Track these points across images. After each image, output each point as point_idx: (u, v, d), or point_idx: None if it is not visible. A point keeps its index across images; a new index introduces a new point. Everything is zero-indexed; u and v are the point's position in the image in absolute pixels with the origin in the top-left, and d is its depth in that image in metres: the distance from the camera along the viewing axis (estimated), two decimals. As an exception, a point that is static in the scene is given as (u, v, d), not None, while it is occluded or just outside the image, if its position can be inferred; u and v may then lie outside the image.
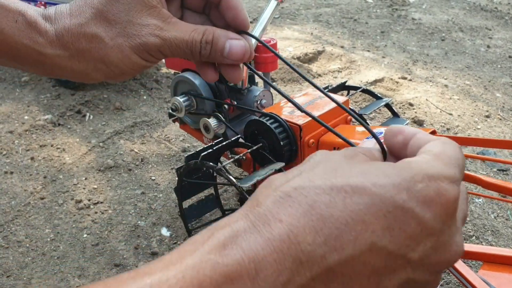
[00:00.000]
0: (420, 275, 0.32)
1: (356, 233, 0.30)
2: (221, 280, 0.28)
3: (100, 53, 0.50)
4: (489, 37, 2.03)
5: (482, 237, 0.89)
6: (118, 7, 0.50)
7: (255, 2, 2.54)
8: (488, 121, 1.33)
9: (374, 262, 0.30)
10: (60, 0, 1.61)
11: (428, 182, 0.32)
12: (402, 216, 0.31)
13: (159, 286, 0.27)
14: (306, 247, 0.29)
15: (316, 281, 0.29)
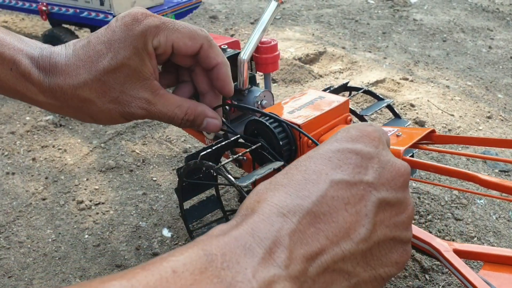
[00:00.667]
0: (387, 194, 0.38)
1: (315, 180, 0.36)
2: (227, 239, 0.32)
3: (90, 112, 0.55)
4: (491, 38, 2.03)
5: (484, 238, 0.89)
6: (115, 79, 0.53)
7: (257, 3, 2.54)
8: (490, 122, 1.33)
9: (341, 193, 0.36)
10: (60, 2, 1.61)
11: (348, 129, 0.41)
12: (342, 155, 0.38)
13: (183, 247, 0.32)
14: (282, 203, 0.35)
15: (303, 224, 0.34)
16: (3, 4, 1.82)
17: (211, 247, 0.31)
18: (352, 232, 0.35)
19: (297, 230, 0.34)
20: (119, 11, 1.52)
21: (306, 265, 0.33)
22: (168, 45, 0.55)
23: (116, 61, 0.52)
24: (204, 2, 2.49)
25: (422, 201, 0.98)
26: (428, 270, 0.81)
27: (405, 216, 0.39)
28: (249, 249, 0.32)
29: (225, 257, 0.31)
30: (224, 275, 0.30)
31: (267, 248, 0.32)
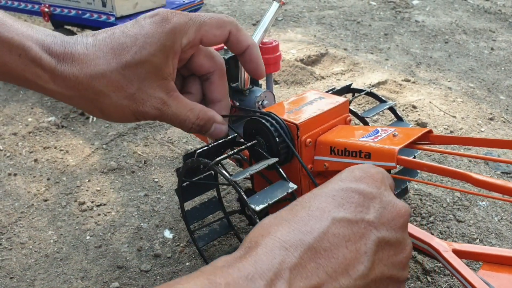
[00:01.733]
0: (387, 233, 0.39)
1: (318, 217, 0.38)
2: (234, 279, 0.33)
3: (102, 106, 0.53)
4: (493, 39, 2.03)
5: (486, 240, 0.89)
6: (136, 74, 0.52)
7: (258, 5, 2.54)
8: (492, 124, 1.33)
9: (342, 231, 0.37)
10: (62, 3, 1.62)
11: (352, 170, 0.43)
12: (345, 194, 0.40)
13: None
14: (285, 238, 0.36)
15: (304, 259, 0.35)
16: (5, 6, 1.83)
17: (215, 277, 0.33)
18: (351, 268, 0.36)
19: (297, 264, 0.35)
20: (121, 13, 1.52)
21: None
22: (196, 41, 0.54)
23: (140, 56, 0.51)
24: (206, 4, 2.49)
25: (424, 203, 0.98)
26: (430, 272, 0.81)
27: (403, 256, 0.40)
28: (252, 280, 0.33)
29: (228, 286, 0.32)
30: None
31: (269, 279, 0.33)
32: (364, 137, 0.64)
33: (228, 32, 0.56)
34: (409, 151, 0.78)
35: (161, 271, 0.85)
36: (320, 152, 0.68)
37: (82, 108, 0.56)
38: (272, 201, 0.62)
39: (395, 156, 0.58)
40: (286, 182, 0.65)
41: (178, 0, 1.74)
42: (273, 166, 0.65)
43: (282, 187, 0.64)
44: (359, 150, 0.62)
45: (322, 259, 0.36)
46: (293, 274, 0.34)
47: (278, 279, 0.33)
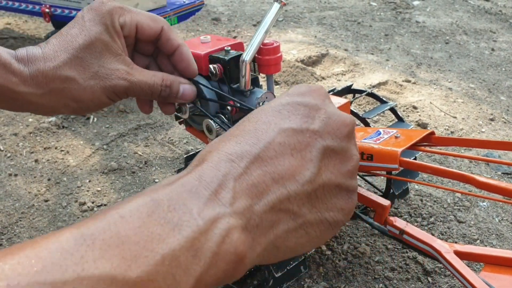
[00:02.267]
0: (331, 142, 0.40)
1: (265, 129, 0.39)
2: (174, 186, 0.34)
3: (73, 92, 0.58)
4: (494, 40, 2.03)
5: (487, 241, 0.89)
6: (92, 53, 0.57)
7: (259, 5, 2.54)
8: (493, 124, 1.33)
9: (288, 140, 0.38)
10: (63, 4, 1.62)
11: (299, 86, 0.44)
12: (291, 107, 0.41)
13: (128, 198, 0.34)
14: (231, 151, 0.37)
15: (251, 168, 0.36)
16: (6, 7, 1.83)
17: (158, 194, 0.33)
18: (297, 174, 0.37)
19: (243, 173, 0.36)
20: (122, 13, 1.52)
21: (252, 203, 0.35)
22: (133, 24, 0.60)
23: (89, 37, 0.57)
24: (206, 4, 2.49)
25: (424, 204, 0.98)
26: (431, 273, 0.81)
27: (350, 165, 0.42)
28: (195, 192, 0.34)
29: (171, 201, 0.33)
30: (171, 216, 0.32)
31: (213, 190, 0.34)
32: (366, 139, 0.64)
33: (161, 27, 0.61)
34: (410, 152, 0.78)
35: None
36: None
37: (53, 107, 0.59)
38: None
39: (397, 158, 0.58)
40: None
41: (178, 1, 1.74)
42: None
43: None
44: (361, 152, 0.62)
45: (268, 167, 0.37)
46: (239, 182, 0.35)
47: (222, 189, 0.34)
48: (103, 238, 0.29)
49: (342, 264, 0.83)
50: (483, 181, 0.51)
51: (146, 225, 0.31)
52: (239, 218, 0.34)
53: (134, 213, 0.31)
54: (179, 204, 0.33)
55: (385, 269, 0.82)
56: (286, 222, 0.37)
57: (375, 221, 0.67)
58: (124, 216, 0.31)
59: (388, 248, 0.86)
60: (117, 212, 0.31)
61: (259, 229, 0.36)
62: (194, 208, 0.33)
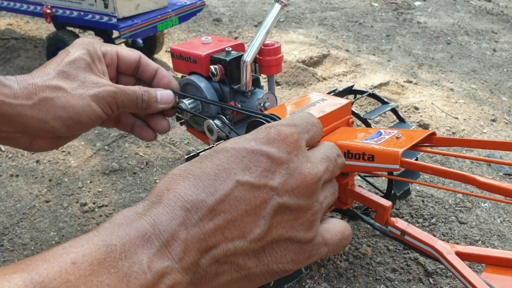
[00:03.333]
0: (288, 199, 0.40)
1: (223, 178, 0.39)
2: (127, 229, 0.35)
3: (63, 100, 0.60)
4: (495, 40, 2.03)
5: (488, 242, 0.89)
6: (76, 68, 0.62)
7: (260, 6, 2.54)
8: (494, 125, 1.33)
9: (244, 195, 0.38)
10: (65, 5, 1.62)
11: (269, 129, 0.43)
12: (254, 157, 0.40)
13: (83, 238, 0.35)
14: (188, 198, 0.37)
15: (204, 221, 0.37)
16: (7, 7, 1.83)
17: (111, 238, 0.34)
18: (247, 232, 0.38)
19: (196, 225, 0.36)
20: (123, 14, 1.53)
21: (200, 257, 0.36)
22: (113, 52, 0.66)
23: (73, 56, 0.63)
24: (208, 5, 2.49)
25: (426, 204, 0.98)
26: (432, 274, 0.81)
27: (304, 219, 0.41)
28: (148, 240, 0.35)
29: (124, 247, 0.33)
30: (121, 265, 0.32)
31: (164, 241, 0.35)
32: (367, 139, 0.64)
33: (139, 55, 0.69)
34: (411, 153, 0.78)
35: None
36: (322, 153, 0.67)
37: (43, 119, 0.60)
38: None
39: (399, 159, 0.58)
40: None
41: (180, 2, 1.74)
42: None
43: None
44: (362, 153, 0.62)
45: (221, 221, 0.37)
46: (190, 235, 0.36)
47: (174, 240, 0.35)
48: (52, 287, 0.30)
49: (343, 265, 0.83)
50: (484, 181, 0.51)
51: (96, 273, 0.31)
52: (186, 273, 0.35)
53: (86, 259, 0.32)
54: (130, 252, 0.33)
55: (386, 270, 0.82)
56: (230, 273, 0.38)
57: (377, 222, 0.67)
58: (76, 262, 0.31)
59: (390, 249, 0.86)
60: (70, 258, 0.32)
61: (203, 281, 0.37)
62: (144, 258, 0.34)
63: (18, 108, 0.58)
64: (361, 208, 0.92)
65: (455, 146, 0.63)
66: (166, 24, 1.66)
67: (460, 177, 0.54)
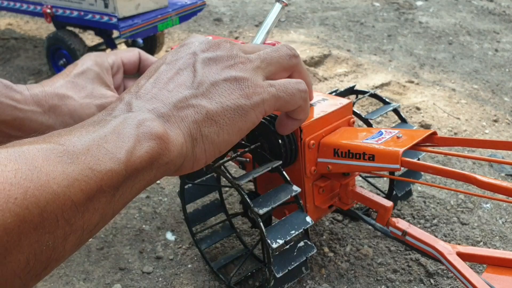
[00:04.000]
0: (208, 54, 0.50)
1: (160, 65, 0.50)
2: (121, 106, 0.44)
3: (70, 108, 0.63)
4: (497, 40, 2.02)
5: (490, 243, 0.88)
6: (84, 79, 0.65)
7: (261, 6, 2.54)
8: (496, 126, 1.32)
9: (173, 66, 0.49)
10: (65, 4, 1.61)
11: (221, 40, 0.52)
12: (177, 51, 0.51)
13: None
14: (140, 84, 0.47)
15: (148, 88, 0.46)
16: (7, 7, 1.83)
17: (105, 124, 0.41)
18: (188, 82, 0.47)
19: (143, 91, 0.46)
20: (123, 14, 1.52)
21: (157, 106, 0.44)
22: (119, 61, 0.70)
23: (83, 67, 0.66)
24: (208, 5, 2.49)
25: (427, 205, 0.97)
26: (433, 275, 0.80)
27: (229, 63, 0.49)
28: (129, 103, 0.44)
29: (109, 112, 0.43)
30: (104, 115, 0.42)
31: (129, 101, 0.44)
32: (368, 139, 0.63)
33: (138, 52, 0.72)
34: (413, 153, 0.78)
35: (163, 273, 0.85)
36: (323, 154, 0.67)
37: (52, 126, 0.63)
38: (276, 204, 0.61)
39: (399, 158, 0.58)
40: (289, 185, 0.65)
41: (180, 1, 1.74)
42: (276, 169, 0.65)
43: (285, 190, 0.64)
44: (363, 152, 0.61)
45: (161, 84, 0.47)
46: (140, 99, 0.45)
47: (136, 99, 0.44)
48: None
49: (345, 265, 0.82)
50: (485, 181, 0.50)
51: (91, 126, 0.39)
52: (150, 113, 0.43)
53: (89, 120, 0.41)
54: (109, 109, 0.44)
55: (387, 271, 0.81)
56: (193, 114, 0.45)
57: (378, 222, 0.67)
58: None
59: (391, 249, 0.86)
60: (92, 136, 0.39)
61: (171, 122, 0.43)
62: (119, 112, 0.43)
63: (29, 113, 0.61)
64: (362, 208, 0.92)
65: (456, 146, 0.63)
66: (167, 24, 1.66)
67: (461, 177, 0.54)
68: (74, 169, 0.34)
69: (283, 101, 0.50)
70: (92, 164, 0.36)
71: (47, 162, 0.33)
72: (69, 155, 0.35)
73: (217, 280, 0.82)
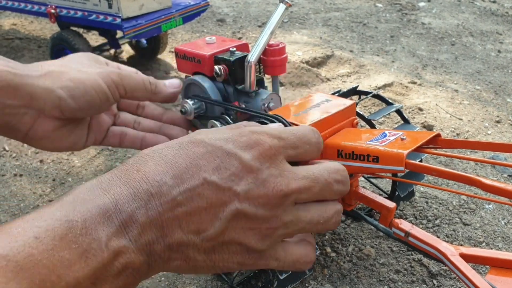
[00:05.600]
0: (248, 207, 0.40)
1: (193, 172, 0.39)
2: (89, 205, 0.36)
3: (70, 74, 0.61)
4: (500, 41, 2.02)
5: (493, 244, 0.88)
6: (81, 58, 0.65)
7: (264, 7, 2.54)
8: (499, 127, 1.32)
9: (207, 194, 0.39)
10: (69, 5, 1.62)
11: (251, 135, 0.42)
12: (228, 159, 0.40)
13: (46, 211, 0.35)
14: (155, 183, 0.38)
15: (164, 208, 0.37)
16: (12, 7, 1.84)
17: (74, 213, 0.35)
18: (202, 229, 0.39)
19: (156, 211, 0.37)
20: (127, 14, 1.53)
21: (155, 241, 0.37)
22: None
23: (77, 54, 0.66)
24: (211, 6, 2.50)
25: (430, 206, 0.97)
26: (436, 275, 0.81)
27: (258, 230, 0.41)
28: (109, 218, 0.36)
29: (85, 223, 0.35)
30: (82, 241, 0.34)
31: (123, 221, 0.36)
32: (371, 141, 0.64)
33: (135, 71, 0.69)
34: (415, 154, 0.78)
35: (165, 273, 0.85)
36: (327, 155, 0.67)
37: (50, 87, 0.60)
38: None
39: (403, 160, 0.58)
40: None
41: (183, 2, 1.74)
42: None
43: None
44: (367, 154, 0.61)
45: (180, 213, 0.38)
46: (149, 219, 0.37)
47: (133, 222, 0.36)
48: (16, 260, 0.31)
49: (347, 266, 0.82)
50: (488, 183, 0.51)
51: (57, 248, 0.33)
52: (140, 254, 0.37)
53: (48, 234, 0.33)
54: (91, 229, 0.35)
55: (390, 271, 0.81)
56: (179, 261, 0.39)
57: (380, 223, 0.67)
58: (39, 237, 0.33)
59: (393, 250, 0.86)
60: (33, 232, 0.33)
61: (156, 263, 0.38)
62: (103, 236, 0.35)
63: (25, 78, 0.58)
64: (365, 209, 0.92)
65: (459, 147, 0.63)
66: (170, 25, 1.66)
67: (464, 179, 0.54)
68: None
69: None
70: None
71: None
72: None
73: (219, 280, 0.82)
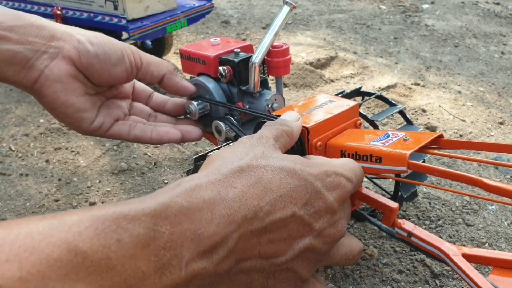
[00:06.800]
0: (318, 243, 0.43)
1: (285, 203, 0.41)
2: (182, 218, 0.35)
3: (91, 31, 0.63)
4: (503, 43, 2.02)
5: (495, 244, 0.89)
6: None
7: (268, 8, 2.55)
8: (502, 128, 1.32)
9: (291, 225, 0.41)
10: (75, 6, 1.63)
11: (335, 177, 0.46)
12: (315, 197, 0.43)
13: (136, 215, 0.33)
14: (252, 208, 0.39)
15: (253, 233, 0.39)
16: (18, 9, 1.85)
17: (163, 223, 0.34)
18: (275, 255, 0.41)
19: (246, 237, 0.38)
20: (132, 16, 1.54)
21: (234, 266, 0.38)
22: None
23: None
24: (216, 7, 2.50)
25: (432, 206, 0.98)
26: (439, 276, 0.81)
27: (315, 262, 0.45)
28: (198, 237, 0.35)
29: (172, 237, 0.33)
30: (163, 254, 0.33)
31: (214, 243, 0.36)
32: (375, 141, 0.64)
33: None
34: (418, 155, 0.78)
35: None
36: (330, 155, 0.68)
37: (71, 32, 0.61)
38: None
39: (406, 161, 0.58)
40: None
41: (188, 4, 1.75)
42: None
43: None
44: (370, 154, 0.62)
45: (264, 240, 0.40)
46: (238, 244, 0.37)
47: (222, 245, 0.36)
48: (92, 260, 0.30)
49: (350, 266, 0.83)
50: (491, 184, 0.51)
51: (136, 257, 0.31)
52: (215, 277, 0.37)
53: (132, 240, 0.32)
54: (176, 243, 0.34)
55: (392, 272, 0.82)
56: (240, 283, 0.40)
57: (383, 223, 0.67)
58: (121, 241, 0.31)
59: (396, 250, 0.86)
60: (117, 235, 0.31)
61: (220, 284, 0.38)
62: (187, 255, 0.34)
63: (48, 22, 0.60)
64: (368, 209, 0.92)
65: (462, 148, 0.64)
66: (175, 26, 1.67)
67: (467, 180, 0.54)
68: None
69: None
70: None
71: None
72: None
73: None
